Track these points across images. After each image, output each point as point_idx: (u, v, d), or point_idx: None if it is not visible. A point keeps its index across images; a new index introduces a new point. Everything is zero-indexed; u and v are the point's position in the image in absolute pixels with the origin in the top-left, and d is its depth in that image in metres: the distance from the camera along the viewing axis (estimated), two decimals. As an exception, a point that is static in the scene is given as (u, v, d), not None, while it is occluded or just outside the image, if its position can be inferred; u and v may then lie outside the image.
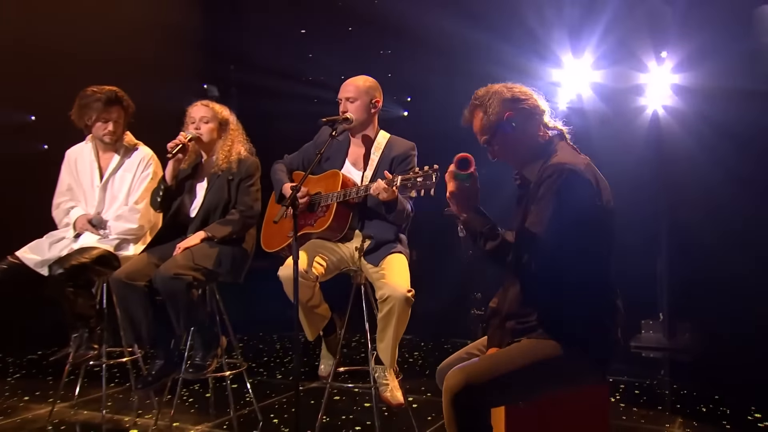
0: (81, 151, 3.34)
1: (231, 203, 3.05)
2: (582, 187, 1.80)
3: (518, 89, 1.97)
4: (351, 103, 2.83)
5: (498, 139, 1.95)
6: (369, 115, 2.88)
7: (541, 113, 1.98)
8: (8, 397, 3.47)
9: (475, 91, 1.99)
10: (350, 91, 2.84)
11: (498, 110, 1.92)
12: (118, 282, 2.78)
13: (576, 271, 1.79)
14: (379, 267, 2.69)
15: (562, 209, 1.76)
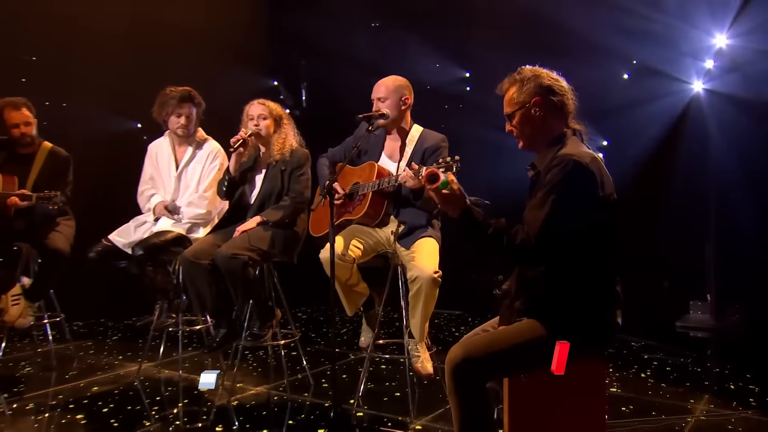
0: (161, 144, 3.74)
1: (284, 191, 3.34)
2: (584, 178, 1.90)
3: (558, 83, 2.05)
4: (382, 102, 3.03)
5: (518, 118, 2.06)
6: (400, 112, 3.06)
7: (567, 112, 2.07)
8: (107, 356, 3.99)
9: (522, 66, 2.08)
10: (381, 92, 3.04)
11: (530, 92, 2.02)
12: (186, 261, 3.14)
13: (573, 256, 1.92)
14: (410, 250, 2.90)
15: (564, 197, 1.88)
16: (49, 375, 3.58)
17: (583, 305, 1.95)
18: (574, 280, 1.95)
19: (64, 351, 4.00)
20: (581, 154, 1.94)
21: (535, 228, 1.89)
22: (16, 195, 3.54)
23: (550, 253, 1.91)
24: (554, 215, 1.88)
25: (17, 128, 3.70)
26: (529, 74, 2.06)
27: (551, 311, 1.96)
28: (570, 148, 1.99)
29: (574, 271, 1.94)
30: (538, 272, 1.99)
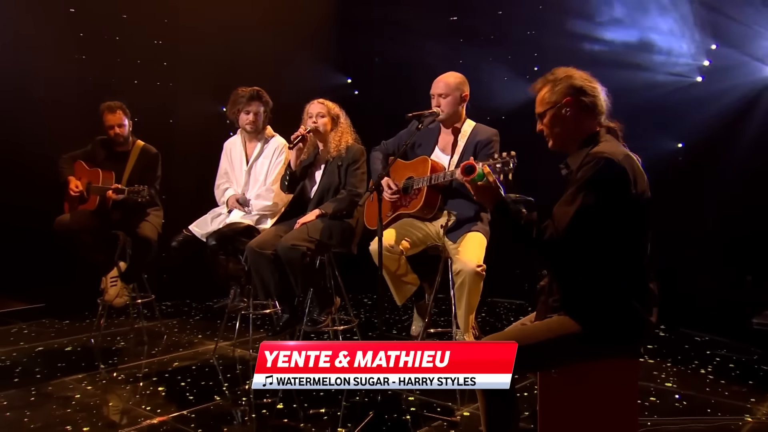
0: (234, 141, 3.98)
1: (341, 185, 3.46)
2: (616, 175, 1.87)
3: (590, 84, 2.03)
4: (443, 98, 3.05)
5: (548, 117, 2.05)
6: (458, 108, 3.08)
7: (599, 113, 2.04)
8: (188, 333, 4.31)
9: (554, 68, 2.08)
10: (441, 88, 3.07)
11: (561, 92, 2.01)
12: (251, 250, 3.33)
13: (604, 254, 1.90)
14: (457, 243, 2.93)
15: (594, 194, 1.86)
16: (139, 349, 3.94)
17: (613, 302, 1.92)
18: (604, 277, 1.93)
19: (153, 328, 4.36)
20: (614, 152, 1.91)
21: (563, 224, 1.88)
22: (112, 189, 3.90)
23: (578, 250, 1.89)
24: (583, 212, 1.86)
25: (112, 129, 4.05)
26: (561, 75, 2.05)
27: (581, 308, 1.95)
28: (603, 146, 1.96)
29: (605, 268, 1.92)
30: (569, 268, 1.98)
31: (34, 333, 4.26)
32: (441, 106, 3.05)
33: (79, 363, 3.56)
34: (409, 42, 5.47)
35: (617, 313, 1.93)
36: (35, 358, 3.70)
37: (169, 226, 4.11)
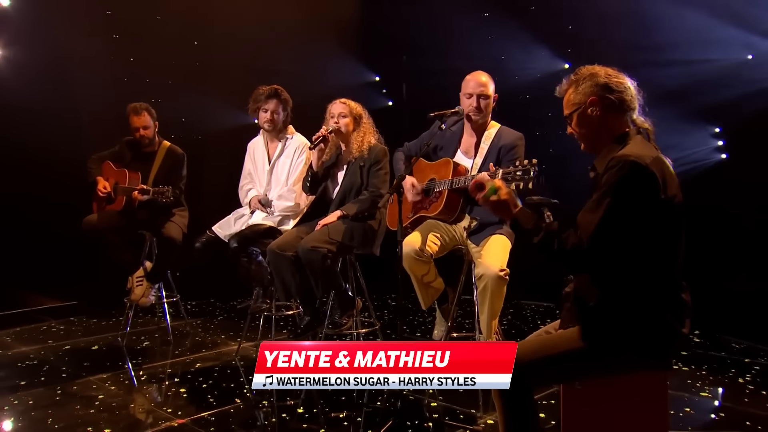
0: (257, 141, 3.96)
1: (363, 186, 3.40)
2: (643, 179, 1.76)
3: (617, 79, 1.93)
4: (484, 99, 2.96)
5: (575, 119, 1.96)
6: (491, 110, 3.00)
7: (628, 109, 1.93)
8: (212, 333, 4.32)
9: (579, 67, 1.99)
10: (484, 88, 2.98)
11: (586, 92, 1.92)
12: (272, 252, 3.30)
13: (632, 263, 1.80)
14: (480, 247, 2.85)
15: (620, 200, 1.76)
16: (164, 349, 3.96)
17: (641, 313, 1.82)
18: (631, 286, 1.82)
19: (178, 327, 4.38)
20: (641, 155, 1.80)
21: (588, 232, 1.78)
22: (137, 189, 3.93)
23: (604, 259, 1.79)
24: (609, 219, 1.76)
25: (138, 131, 4.08)
26: (585, 74, 1.95)
27: (606, 318, 1.85)
28: (631, 148, 1.85)
29: (632, 277, 1.82)
30: (595, 277, 1.88)
31: (62, 331, 4.33)
32: (481, 108, 2.96)
33: (105, 362, 3.59)
34: (438, 40, 5.38)
35: (646, 325, 1.82)
36: (62, 356, 3.75)
37: (201, 226, 4.05)
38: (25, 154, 4.58)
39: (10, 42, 4.57)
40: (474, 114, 2.96)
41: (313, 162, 3.45)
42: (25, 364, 3.58)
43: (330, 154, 3.50)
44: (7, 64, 4.61)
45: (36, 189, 4.68)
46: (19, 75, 4.59)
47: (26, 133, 4.57)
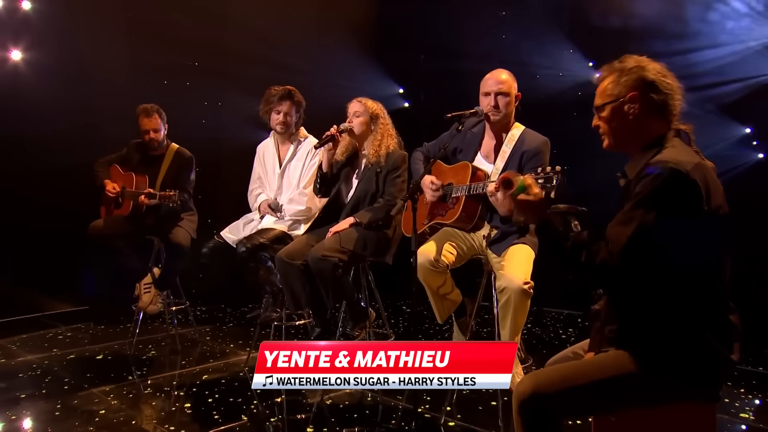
0: (267, 144, 3.81)
1: (378, 193, 3.23)
2: (683, 188, 1.56)
3: (666, 80, 1.70)
4: (504, 97, 2.76)
5: (607, 111, 1.74)
6: (512, 110, 2.81)
7: (670, 115, 1.72)
8: (221, 342, 4.17)
9: (625, 55, 1.77)
10: (501, 86, 2.77)
11: (627, 85, 1.70)
12: (280, 260, 3.14)
13: (671, 281, 1.60)
14: (501, 257, 2.65)
15: (656, 212, 1.56)
16: (171, 359, 3.82)
17: (683, 338, 1.61)
18: (671, 307, 1.62)
19: (187, 335, 4.25)
20: (680, 161, 1.58)
21: (618, 247, 1.57)
22: (144, 193, 3.80)
23: (635, 277, 1.59)
24: (641, 233, 1.55)
25: (148, 134, 3.95)
26: (631, 64, 1.72)
27: (644, 343, 1.65)
28: (668, 152, 1.64)
29: (671, 298, 1.61)
30: (627, 297, 1.68)
31: (69, 339, 4.22)
32: (500, 107, 2.76)
33: (109, 373, 3.46)
34: (456, 39, 5.20)
35: (689, 351, 1.62)
36: (66, 366, 3.62)
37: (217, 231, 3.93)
38: (41, 156, 4.49)
39: (31, 45, 4.54)
40: (492, 113, 2.76)
41: (323, 163, 3.28)
42: (28, 374, 3.47)
43: (345, 154, 3.33)
44: (28, 67, 4.58)
45: (53, 191, 4.55)
46: (40, 78, 4.54)
47: (44, 135, 4.50)
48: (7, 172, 4.44)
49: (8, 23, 4.46)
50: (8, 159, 4.45)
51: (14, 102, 4.45)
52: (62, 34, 4.57)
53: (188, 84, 5.10)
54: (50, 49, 4.54)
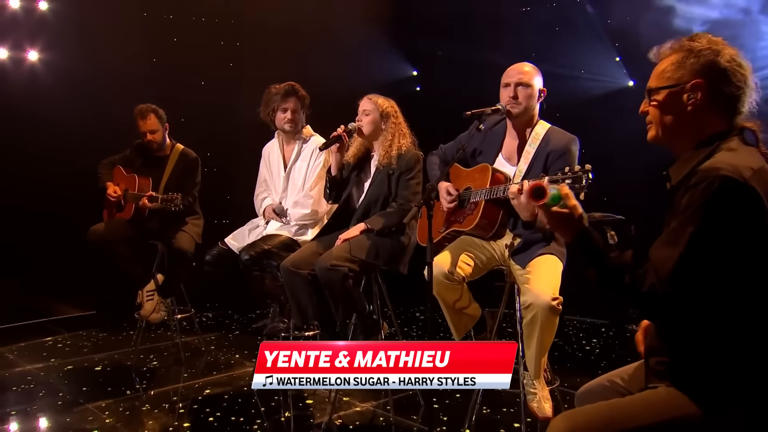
0: (272, 145, 3.61)
1: (391, 197, 3.00)
2: (740, 200, 1.30)
3: (741, 70, 1.43)
4: (523, 89, 2.52)
5: (662, 97, 1.47)
6: (534, 105, 2.56)
7: (737, 111, 1.45)
8: (226, 352, 3.97)
9: (697, 33, 1.49)
10: (521, 76, 2.52)
11: (695, 70, 1.43)
12: (286, 270, 2.93)
13: (729, 308, 1.35)
14: (526, 269, 2.41)
15: (710, 228, 1.30)
16: (174, 370, 3.63)
17: (747, 374, 1.36)
18: (731, 338, 1.36)
19: (191, 343, 4.06)
20: (736, 166, 1.32)
21: (666, 272, 1.32)
22: (146, 196, 3.62)
23: (687, 306, 1.34)
24: (693, 254, 1.30)
25: (145, 136, 3.77)
26: (703, 45, 1.44)
27: (704, 379, 1.39)
28: (722, 156, 1.37)
29: (732, 327, 1.36)
30: (685, 325, 1.43)
31: (68, 348, 4.04)
32: (519, 98, 2.51)
33: (106, 387, 3.27)
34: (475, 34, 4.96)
35: (754, 390, 1.37)
36: (62, 378, 3.44)
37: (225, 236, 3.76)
38: (57, 157, 4.37)
39: (48, 46, 4.47)
40: (512, 105, 2.51)
41: (332, 166, 3.07)
42: (21, 387, 3.29)
43: (356, 155, 3.11)
44: (45, 67, 4.49)
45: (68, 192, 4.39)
46: (56, 78, 4.45)
47: (58, 136, 4.38)
48: (22, 172, 4.33)
49: (25, 23, 4.40)
50: (24, 159, 4.34)
51: (31, 102, 4.35)
52: (79, 34, 4.49)
53: (203, 83, 4.95)
54: (67, 50, 4.46)
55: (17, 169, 4.37)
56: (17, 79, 4.40)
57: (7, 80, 4.38)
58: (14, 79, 4.39)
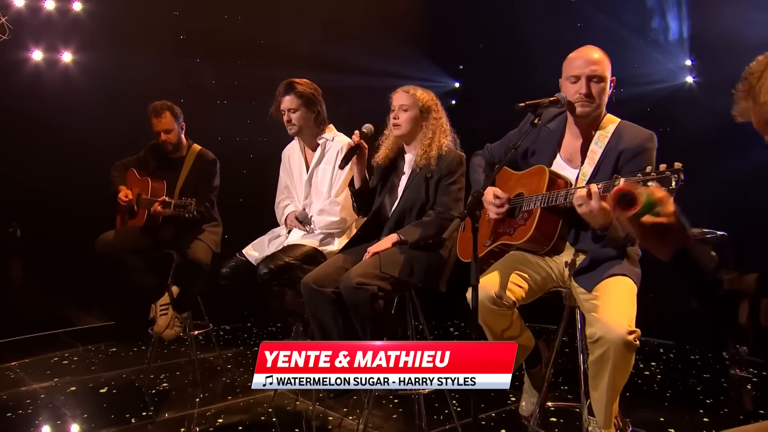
0: (292, 147, 3.31)
1: (429, 204, 2.63)
2: None
3: None
4: (598, 83, 2.12)
5: None
6: (606, 97, 2.15)
7: None
8: (244, 371, 3.62)
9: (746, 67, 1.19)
10: (593, 67, 2.11)
11: None
12: (307, 288, 2.58)
13: None
14: (593, 294, 2.00)
15: None
16: (185, 394, 3.31)
17: None
18: None
19: (207, 361, 3.76)
20: None
21: None
22: (158, 202, 3.33)
23: None
24: None
25: (159, 136, 3.49)
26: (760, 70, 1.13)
27: None
28: None
29: None
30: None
31: (75, 365, 3.75)
32: (594, 95, 2.11)
33: (109, 414, 2.97)
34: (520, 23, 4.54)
35: None
36: (64, 402, 3.14)
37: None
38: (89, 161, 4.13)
39: (82, 47, 4.36)
40: (582, 104, 2.11)
41: (354, 177, 2.72)
42: (13, 414, 2.98)
43: (387, 157, 2.76)
44: (79, 69, 4.37)
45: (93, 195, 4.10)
46: (91, 81, 4.33)
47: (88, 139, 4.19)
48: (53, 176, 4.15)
49: (60, 24, 4.30)
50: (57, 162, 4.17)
51: (63, 104, 4.20)
52: (112, 35, 4.36)
53: (236, 83, 4.70)
54: (101, 52, 4.34)
55: (48, 173, 4.16)
56: (52, 81, 4.29)
57: (42, 82, 4.27)
58: (49, 81, 4.29)
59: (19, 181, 4.09)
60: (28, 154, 4.13)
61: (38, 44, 4.25)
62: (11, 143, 4.09)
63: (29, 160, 4.14)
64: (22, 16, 4.15)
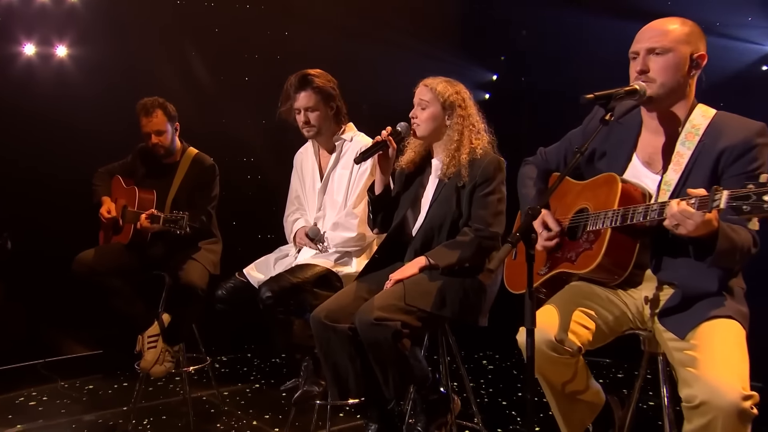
0: (306, 152, 3.03)
1: (462, 219, 2.28)
2: None
3: None
4: (660, 56, 1.77)
5: None
6: (683, 81, 1.79)
7: None
8: (241, 416, 3.27)
9: None
10: (665, 39, 1.77)
11: None
12: (318, 323, 2.26)
13: None
14: (688, 343, 1.63)
15: None
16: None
17: None
18: None
19: (200, 401, 3.44)
20: None
21: None
22: (145, 215, 3.04)
23: None
24: None
25: (149, 138, 3.22)
26: None
27: None
28: None
29: None
30: None
31: (43, 406, 3.39)
32: (651, 72, 1.77)
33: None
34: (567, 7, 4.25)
35: None
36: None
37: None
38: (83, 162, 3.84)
39: (78, 40, 4.22)
40: (641, 84, 1.77)
41: (375, 181, 2.40)
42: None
43: (413, 162, 2.44)
44: (74, 63, 4.22)
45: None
46: (86, 76, 4.18)
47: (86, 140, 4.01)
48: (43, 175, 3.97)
49: (54, 16, 4.16)
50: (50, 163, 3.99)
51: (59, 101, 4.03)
52: (110, 28, 4.22)
53: (247, 79, 4.52)
54: (97, 45, 4.20)
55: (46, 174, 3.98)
56: (45, 77, 4.14)
57: (35, 77, 4.11)
58: (42, 77, 4.13)
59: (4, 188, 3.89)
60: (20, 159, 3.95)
61: (30, 38, 4.11)
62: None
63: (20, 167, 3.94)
64: (13, 7, 3.99)
